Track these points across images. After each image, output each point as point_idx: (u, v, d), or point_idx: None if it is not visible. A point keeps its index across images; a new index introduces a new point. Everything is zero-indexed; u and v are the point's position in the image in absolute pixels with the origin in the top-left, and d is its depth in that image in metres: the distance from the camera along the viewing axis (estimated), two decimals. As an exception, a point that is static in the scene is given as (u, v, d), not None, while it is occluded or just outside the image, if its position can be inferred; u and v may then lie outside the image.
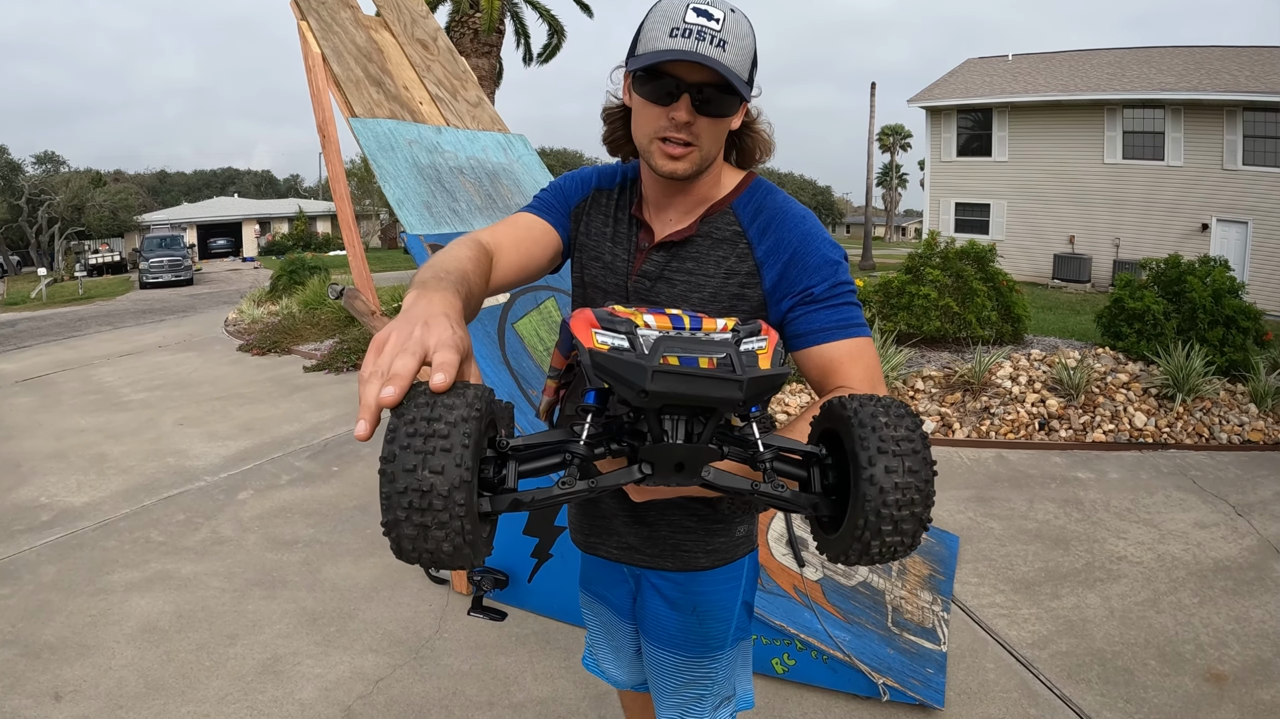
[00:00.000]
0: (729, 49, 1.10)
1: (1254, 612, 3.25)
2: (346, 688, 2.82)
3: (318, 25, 3.35)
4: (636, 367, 0.76)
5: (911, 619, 3.04)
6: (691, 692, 1.52)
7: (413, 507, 0.73)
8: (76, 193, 36.28)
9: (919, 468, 0.80)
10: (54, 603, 3.47)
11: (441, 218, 3.27)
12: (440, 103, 3.86)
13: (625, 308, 0.86)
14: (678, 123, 1.15)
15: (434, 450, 0.73)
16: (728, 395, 0.77)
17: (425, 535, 0.74)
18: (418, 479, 0.72)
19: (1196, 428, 5.56)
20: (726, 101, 1.15)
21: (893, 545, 0.82)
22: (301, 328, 10.47)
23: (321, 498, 4.70)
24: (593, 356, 0.78)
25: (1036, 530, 4.11)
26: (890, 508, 0.79)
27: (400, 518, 0.73)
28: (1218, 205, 16.93)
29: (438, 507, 0.72)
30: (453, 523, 0.73)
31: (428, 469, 0.72)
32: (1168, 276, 6.72)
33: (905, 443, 0.80)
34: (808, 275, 1.22)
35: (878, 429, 0.81)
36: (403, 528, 0.74)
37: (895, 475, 0.79)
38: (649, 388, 0.75)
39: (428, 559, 0.76)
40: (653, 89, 1.15)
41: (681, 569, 1.44)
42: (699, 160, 1.20)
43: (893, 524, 0.80)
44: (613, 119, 1.33)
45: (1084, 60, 20.77)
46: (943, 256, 7.55)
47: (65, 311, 17.36)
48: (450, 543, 0.74)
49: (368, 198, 36.93)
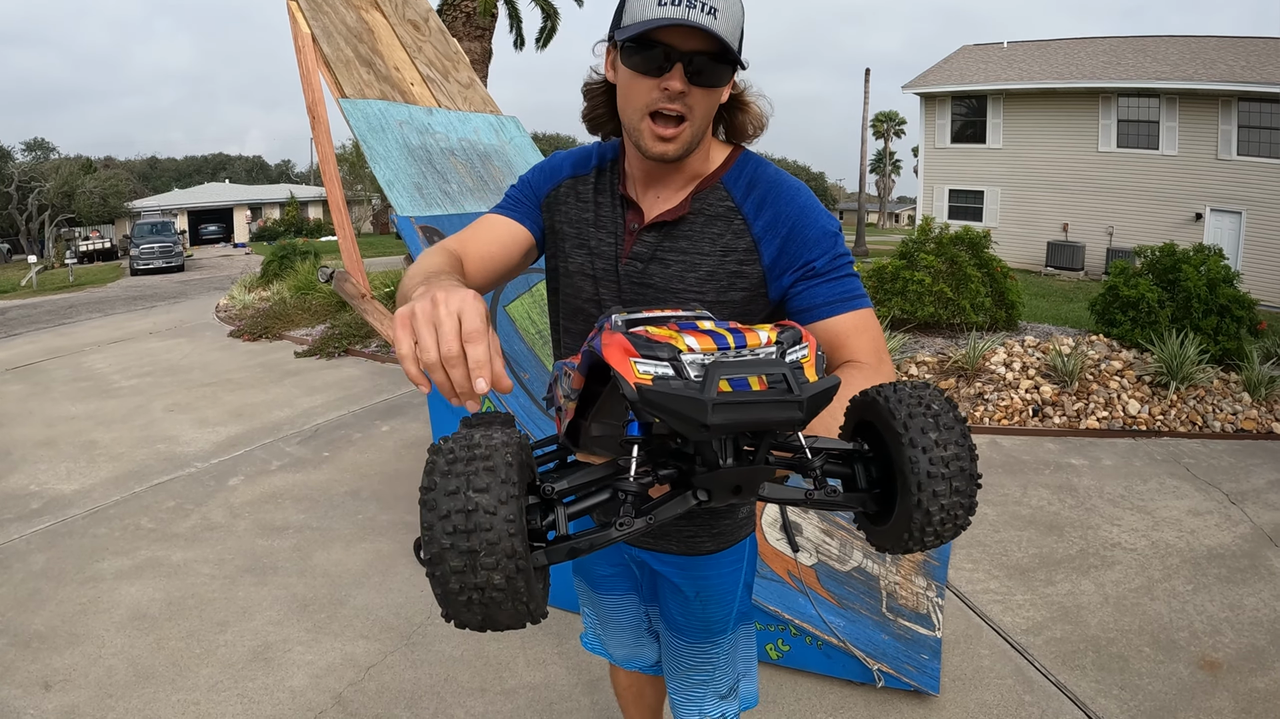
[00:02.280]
0: (720, 16, 1.06)
1: (1247, 599, 3.25)
2: (338, 675, 2.80)
3: (307, 5, 3.29)
4: (694, 401, 0.70)
5: (906, 605, 3.04)
6: (693, 677, 1.51)
7: (458, 530, 0.67)
8: (66, 179, 35.97)
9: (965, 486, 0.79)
10: (44, 591, 3.44)
11: (432, 199, 3.23)
12: (431, 84, 3.81)
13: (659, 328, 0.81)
14: (671, 93, 1.11)
15: (477, 471, 0.69)
16: (789, 417, 0.72)
17: (474, 566, 0.68)
18: (462, 500, 0.68)
19: (1190, 416, 5.56)
20: (720, 71, 1.12)
21: (932, 545, 0.82)
22: (293, 313, 10.41)
23: (312, 484, 4.67)
24: (641, 392, 0.72)
25: (1030, 517, 4.10)
26: (935, 525, 0.79)
27: (445, 547, 0.68)
28: (1212, 195, 16.94)
29: (485, 525, 0.67)
30: (502, 544, 0.68)
31: (472, 489, 0.68)
32: (1163, 265, 6.71)
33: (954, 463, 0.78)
34: (807, 249, 1.20)
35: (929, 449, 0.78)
36: (448, 559, 0.68)
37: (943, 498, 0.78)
38: (710, 421, 0.70)
39: (479, 604, 0.70)
40: (643, 59, 1.11)
41: (686, 553, 1.43)
42: (689, 139, 1.17)
43: (935, 534, 0.80)
44: (594, 95, 1.28)
45: (1079, 48, 20.72)
46: (937, 242, 7.54)
47: (56, 299, 17.23)
48: (502, 572, 0.68)
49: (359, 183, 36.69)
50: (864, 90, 25.06)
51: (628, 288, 1.29)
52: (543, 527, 0.79)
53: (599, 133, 1.33)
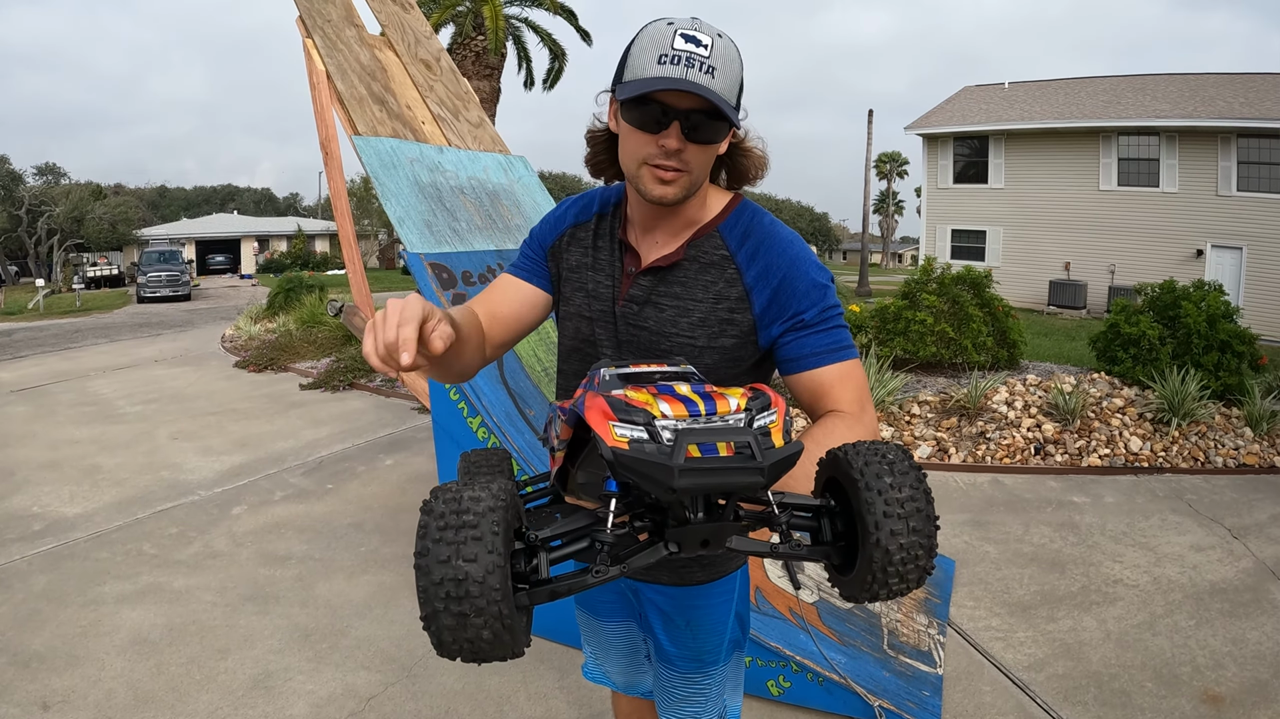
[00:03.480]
0: (718, 75, 1.10)
1: (1250, 633, 3.24)
2: (338, 705, 2.80)
3: (323, 43, 3.38)
4: (662, 467, 0.76)
5: (907, 642, 3.03)
6: (685, 709, 1.51)
7: (450, 597, 0.75)
8: (76, 205, 36.35)
9: (922, 526, 0.83)
10: (44, 613, 3.44)
11: (442, 236, 3.29)
12: (442, 122, 3.90)
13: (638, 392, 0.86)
14: (667, 150, 1.15)
15: (465, 540, 0.75)
16: (750, 482, 0.78)
17: (464, 625, 0.76)
18: (453, 569, 0.74)
19: (1192, 452, 5.57)
20: (716, 128, 1.15)
21: (899, 590, 0.86)
22: (298, 345, 10.46)
23: (315, 515, 4.69)
24: (616, 455, 0.78)
25: (1032, 554, 4.10)
26: (896, 565, 0.83)
27: (439, 608, 0.75)
28: (1212, 231, 17.06)
29: (474, 593, 0.74)
30: (490, 608, 0.75)
31: (461, 559, 0.75)
32: (1163, 301, 6.75)
33: (909, 503, 0.83)
34: (797, 300, 1.24)
35: (883, 492, 0.83)
36: (441, 619, 0.76)
37: (900, 538, 0.82)
38: (677, 485, 0.75)
39: (469, 650, 0.78)
40: (641, 116, 1.15)
41: (677, 584, 1.44)
42: (688, 185, 1.20)
43: (899, 577, 0.84)
44: (596, 142, 1.33)
45: (1080, 88, 21.00)
46: (939, 282, 7.58)
47: (62, 323, 17.33)
48: (490, 629, 0.76)
49: (366, 218, 37.04)
50: (867, 131, 25.36)
51: (623, 329, 1.33)
52: (526, 570, 0.85)
53: (601, 177, 1.36)
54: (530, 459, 3.05)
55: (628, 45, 1.17)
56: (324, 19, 3.53)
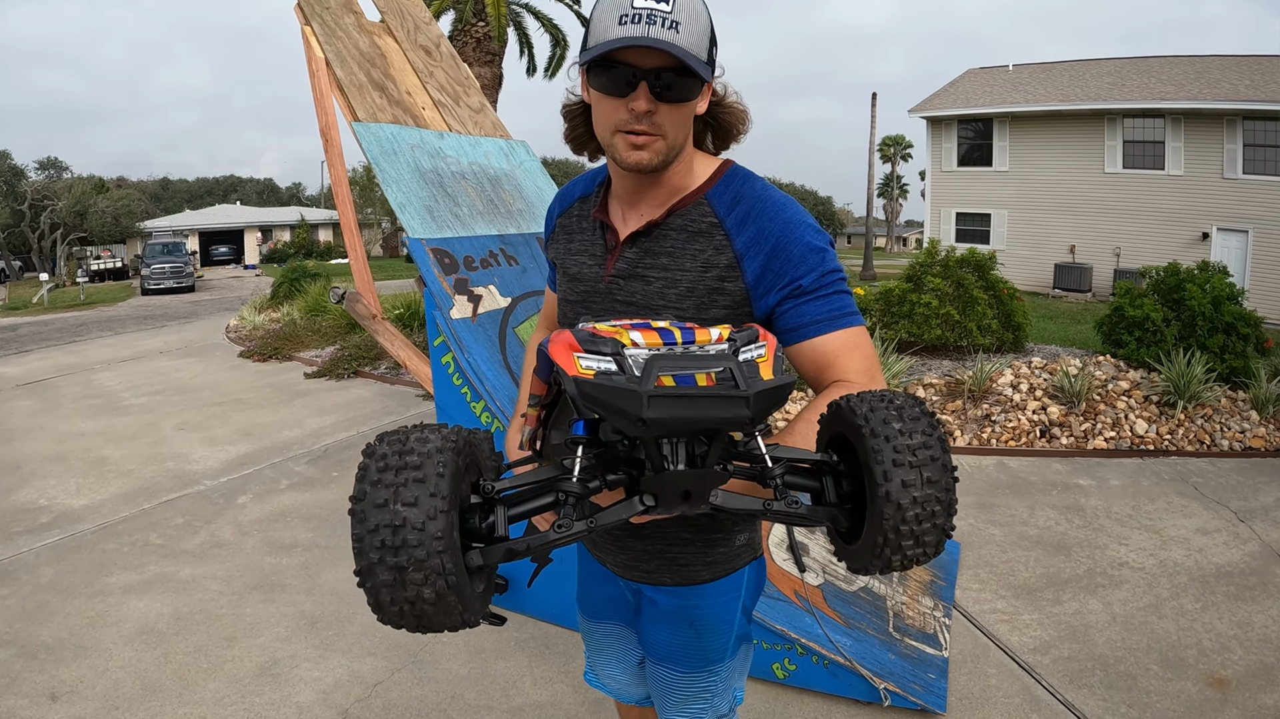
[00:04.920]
0: (683, 30, 1.05)
1: (1256, 617, 3.23)
2: (344, 691, 2.81)
3: (321, 30, 3.36)
4: (629, 394, 0.67)
5: (913, 625, 3.03)
6: (692, 707, 1.46)
7: (385, 545, 0.66)
8: (79, 199, 36.40)
9: (938, 477, 0.74)
10: (52, 604, 3.46)
11: (443, 222, 3.27)
12: (443, 108, 3.88)
13: (606, 325, 0.78)
14: (638, 113, 1.10)
15: (406, 482, 0.67)
16: (734, 415, 0.69)
17: (403, 581, 0.67)
18: (390, 514, 0.66)
19: (1198, 435, 5.55)
20: (687, 85, 1.09)
21: (915, 557, 0.77)
22: (302, 335, 10.47)
23: (321, 503, 4.70)
24: (579, 385, 0.70)
25: (1038, 537, 4.10)
26: (910, 523, 0.74)
27: (374, 561, 0.67)
28: (1218, 214, 16.97)
29: (413, 542, 0.65)
30: (431, 561, 0.66)
31: (400, 503, 0.66)
32: (1167, 284, 6.72)
33: (922, 451, 0.74)
34: (793, 266, 1.17)
35: (891, 438, 0.74)
36: (377, 574, 0.67)
37: (913, 489, 0.73)
38: (646, 416, 0.67)
39: (411, 614, 0.69)
40: (608, 80, 1.10)
41: (680, 583, 1.38)
42: (665, 150, 1.15)
43: (913, 538, 0.75)
44: (573, 116, 1.28)
45: (1084, 70, 20.85)
46: (943, 265, 7.56)
47: (67, 317, 17.38)
48: (431, 587, 0.67)
49: (369, 206, 36.99)
50: (871, 114, 25.18)
51: (611, 305, 1.29)
52: (482, 527, 0.77)
53: (582, 152, 1.32)
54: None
55: (591, 10, 1.11)
56: (322, 6, 3.50)
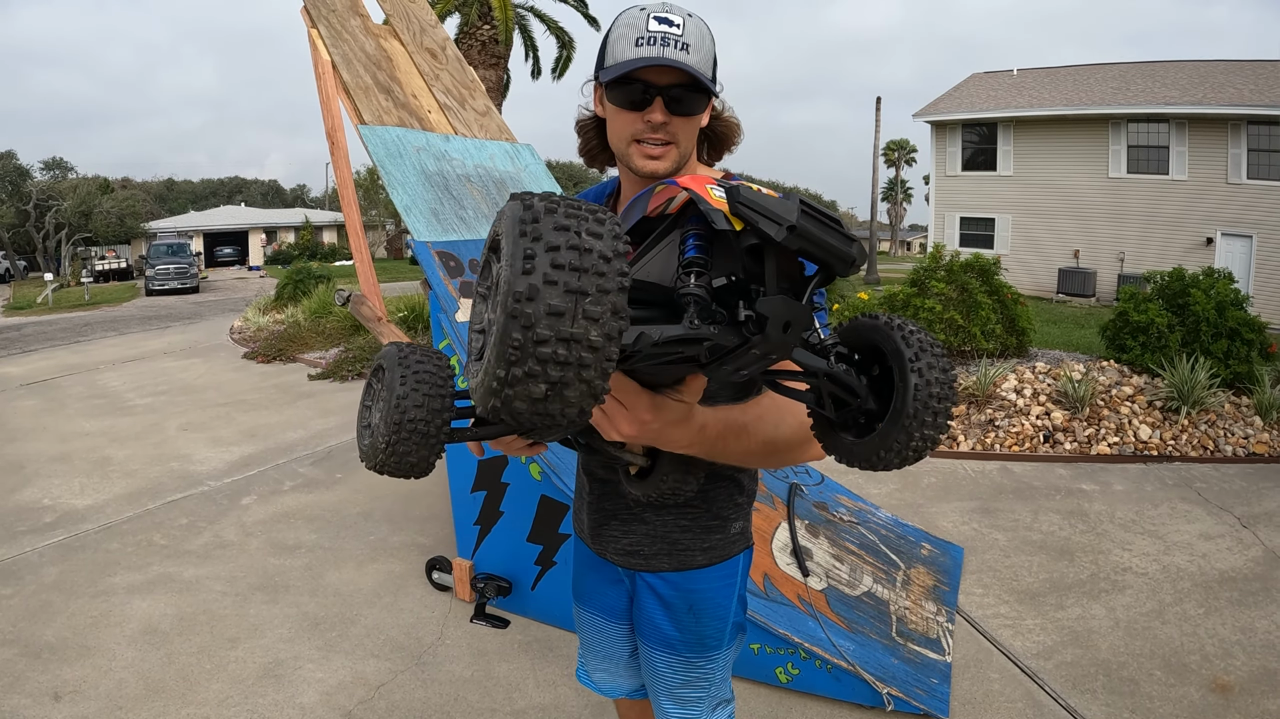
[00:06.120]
0: (692, 51, 1.17)
1: (1260, 622, 3.23)
2: (348, 693, 2.81)
3: (328, 33, 3.37)
4: (786, 204, 0.77)
5: (916, 629, 3.03)
6: (688, 693, 1.51)
7: (568, 266, 0.60)
8: (84, 199, 36.44)
9: (948, 367, 0.89)
10: (55, 603, 3.47)
11: (449, 225, 3.28)
12: (448, 111, 3.89)
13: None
14: (654, 124, 1.22)
15: (586, 219, 0.63)
16: (850, 251, 0.80)
17: (577, 311, 0.60)
18: (577, 239, 0.61)
19: (1201, 440, 5.54)
20: (696, 99, 1.22)
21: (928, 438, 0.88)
22: (306, 336, 10.49)
23: (325, 504, 4.70)
24: (743, 194, 0.77)
25: (1041, 542, 4.09)
26: (934, 400, 0.86)
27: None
28: (1222, 219, 16.93)
29: (598, 269, 0.61)
30: (612, 295, 0.62)
31: (586, 232, 0.62)
32: (1171, 289, 6.70)
33: (936, 346, 0.89)
34: None
35: (915, 333, 0.88)
36: (548, 298, 0.60)
37: (935, 371, 0.86)
38: (797, 222, 0.76)
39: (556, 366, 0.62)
40: (626, 96, 1.22)
41: (678, 568, 1.46)
42: (677, 157, 1.26)
43: (932, 415, 0.86)
44: (586, 130, 1.39)
45: (1088, 74, 20.83)
46: (947, 269, 7.55)
47: (71, 317, 17.43)
48: (601, 328, 0.62)
49: (374, 208, 37.03)
50: (875, 119, 25.18)
51: None
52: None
53: (595, 165, 1.43)
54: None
55: (605, 34, 1.24)
56: (328, 9, 3.51)
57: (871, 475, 5.14)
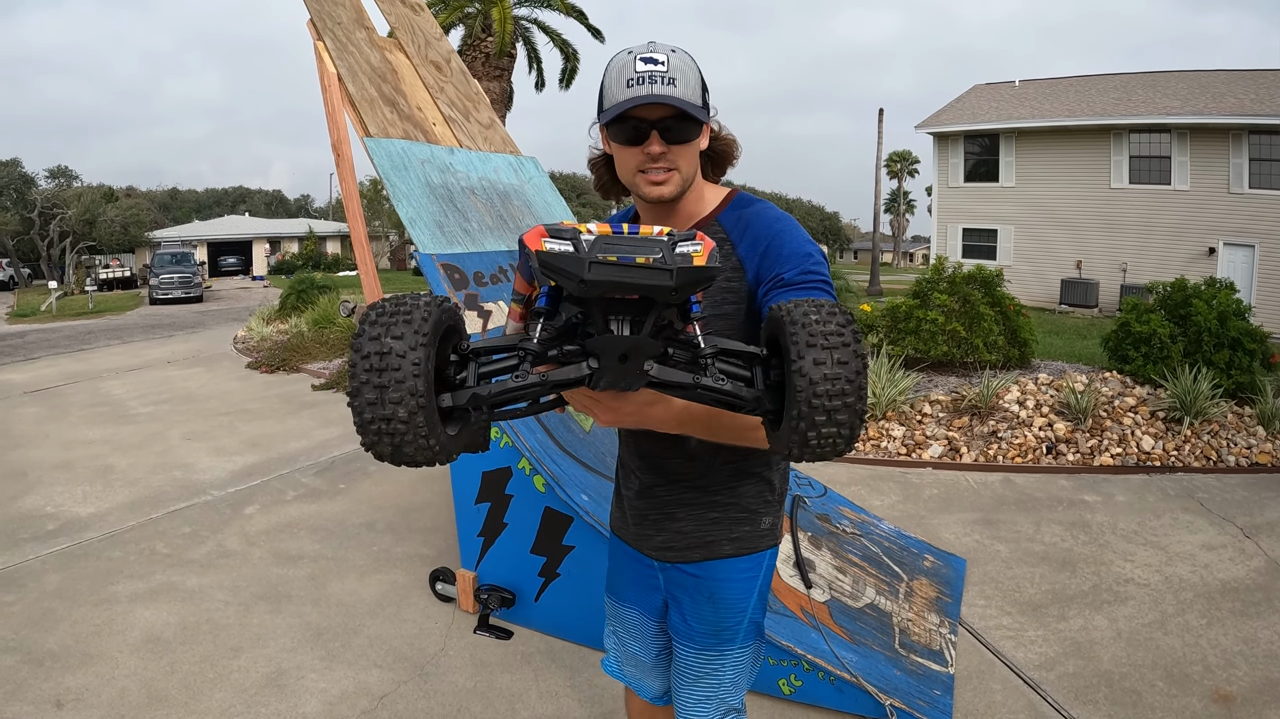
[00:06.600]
0: (679, 83, 1.27)
1: (1262, 633, 3.23)
2: (350, 703, 2.81)
3: (334, 45, 3.40)
4: (576, 259, 0.84)
5: (918, 641, 3.03)
6: (699, 690, 1.58)
7: (372, 368, 0.84)
8: (88, 207, 36.55)
9: (848, 359, 0.87)
10: (58, 611, 3.48)
11: (453, 237, 3.30)
12: (453, 124, 3.91)
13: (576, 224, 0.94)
14: (653, 156, 1.33)
15: (396, 322, 0.85)
16: (659, 283, 0.84)
17: (382, 399, 0.84)
18: (380, 345, 0.84)
19: (1204, 450, 5.54)
20: (688, 127, 1.32)
21: (829, 436, 0.88)
22: (310, 346, 10.51)
23: (328, 514, 4.71)
24: (540, 257, 0.86)
25: (1043, 553, 4.09)
26: (821, 398, 0.86)
27: (362, 381, 0.84)
28: (1224, 229, 16.96)
29: (394, 365, 0.83)
30: (407, 383, 0.83)
31: (389, 336, 0.84)
32: (1173, 300, 6.72)
33: (834, 336, 0.87)
34: (780, 264, 1.36)
35: (807, 325, 0.88)
36: (364, 393, 0.84)
37: (824, 367, 0.86)
38: (587, 277, 0.82)
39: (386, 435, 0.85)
40: (624, 133, 1.33)
41: (706, 558, 1.55)
42: (680, 181, 1.37)
43: (826, 414, 0.87)
44: (598, 168, 1.51)
45: (1090, 85, 20.90)
46: (950, 281, 7.56)
47: (75, 325, 17.47)
48: (405, 407, 0.83)
49: (377, 219, 37.14)
50: (878, 130, 25.23)
51: None
52: (457, 379, 0.96)
53: (610, 197, 1.55)
54: (542, 458, 3.06)
55: (601, 79, 1.34)
56: (334, 21, 3.55)
57: (873, 488, 5.14)
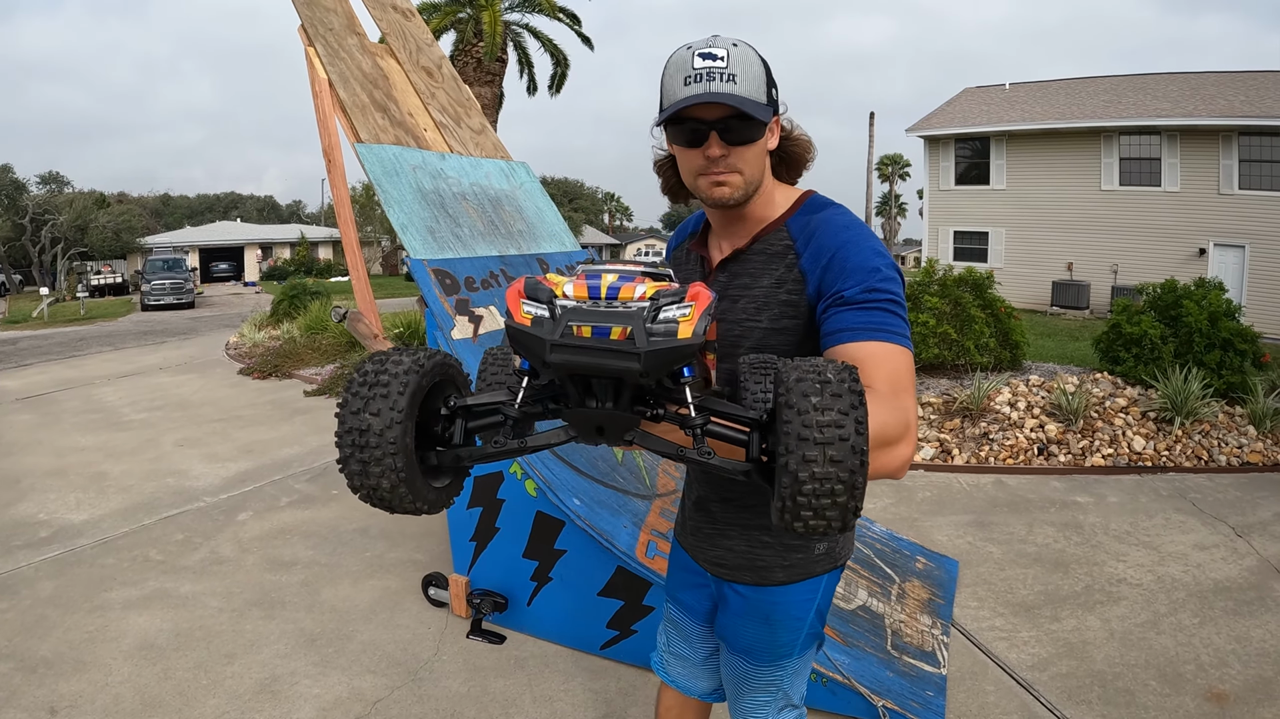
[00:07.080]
0: (740, 80, 1.18)
1: (1255, 631, 3.24)
2: (344, 709, 2.81)
3: (325, 51, 3.41)
4: (539, 341, 0.80)
5: (911, 642, 3.04)
6: (759, 697, 1.58)
7: (355, 444, 0.85)
8: (80, 213, 36.43)
9: (843, 458, 0.74)
10: (51, 618, 3.46)
11: (445, 242, 3.31)
12: (444, 129, 3.92)
13: (558, 275, 0.90)
14: (713, 158, 1.25)
15: (375, 397, 0.85)
16: (625, 367, 0.78)
17: (366, 472, 0.86)
18: (359, 421, 0.85)
19: (1195, 450, 5.57)
20: (750, 127, 1.23)
21: (816, 527, 0.78)
22: (302, 352, 10.49)
23: (321, 520, 4.70)
24: (508, 330, 0.84)
25: (1036, 554, 4.10)
26: (807, 496, 0.76)
27: (347, 454, 0.86)
28: (1215, 230, 17.02)
29: (373, 444, 0.85)
30: (386, 459, 0.85)
31: (368, 412, 0.85)
32: (1164, 301, 6.75)
33: (831, 429, 0.74)
34: (843, 279, 1.24)
35: (804, 412, 0.75)
36: (350, 464, 0.87)
37: (814, 466, 0.74)
38: (549, 359, 0.80)
39: (374, 494, 0.88)
40: (682, 134, 1.25)
41: (758, 583, 1.50)
42: (743, 185, 1.29)
43: (812, 510, 0.77)
44: (665, 170, 1.44)
45: (1080, 88, 20.99)
46: (941, 284, 7.59)
47: (67, 331, 17.40)
48: (387, 479, 0.86)
49: (369, 224, 37.09)
50: (869, 134, 25.33)
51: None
52: (446, 435, 0.97)
53: (679, 200, 1.47)
54: (533, 462, 3.06)
55: (661, 76, 1.25)
56: (326, 27, 3.55)
57: (869, 490, 5.14)
